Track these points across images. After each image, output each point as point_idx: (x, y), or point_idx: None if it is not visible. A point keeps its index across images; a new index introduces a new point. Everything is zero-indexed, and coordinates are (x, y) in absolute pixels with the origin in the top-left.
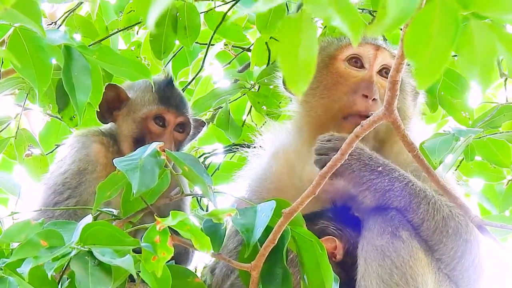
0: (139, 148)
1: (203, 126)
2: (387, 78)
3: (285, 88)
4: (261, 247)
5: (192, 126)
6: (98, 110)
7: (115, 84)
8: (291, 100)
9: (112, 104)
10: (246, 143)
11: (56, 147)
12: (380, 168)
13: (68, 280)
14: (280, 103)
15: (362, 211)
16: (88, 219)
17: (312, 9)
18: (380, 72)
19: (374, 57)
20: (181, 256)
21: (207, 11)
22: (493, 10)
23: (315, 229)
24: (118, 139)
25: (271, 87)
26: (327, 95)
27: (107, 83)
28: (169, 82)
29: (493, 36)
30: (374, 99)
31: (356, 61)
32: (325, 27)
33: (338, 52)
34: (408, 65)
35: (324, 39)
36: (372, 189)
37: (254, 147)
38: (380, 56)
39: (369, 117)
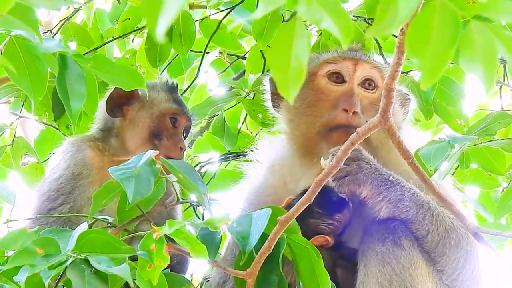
0: (134, 156)
1: None
2: (370, 89)
3: (273, 107)
4: (256, 254)
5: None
6: (109, 104)
7: None
8: (279, 119)
9: (122, 99)
10: (241, 151)
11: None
12: (391, 178)
13: None
14: None
15: (364, 221)
16: (84, 226)
17: (304, 12)
18: (363, 84)
19: (353, 71)
20: (180, 265)
21: (202, 19)
22: (492, 12)
23: (305, 229)
24: (123, 136)
25: None
26: (310, 113)
27: None
28: (176, 87)
29: (493, 36)
30: (354, 112)
31: (337, 76)
32: (320, 34)
33: (317, 69)
34: (404, 72)
35: None
36: (386, 200)
37: (250, 161)
38: (359, 69)
39: (352, 127)
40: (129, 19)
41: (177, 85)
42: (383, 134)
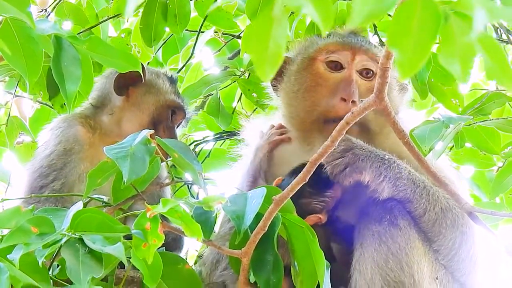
0: (129, 136)
1: None
2: (367, 78)
3: (273, 89)
4: (251, 234)
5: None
6: (117, 81)
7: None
8: (277, 101)
9: (130, 79)
10: (236, 130)
11: None
12: (387, 157)
13: (59, 267)
14: None
15: (360, 200)
16: (79, 206)
17: None
18: (360, 72)
19: (351, 60)
20: (175, 242)
21: None
22: (472, 8)
23: (298, 210)
24: (120, 115)
25: None
26: (308, 98)
27: None
28: (177, 81)
29: (471, 34)
30: (353, 101)
31: (336, 64)
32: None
33: (317, 54)
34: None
35: (305, 39)
36: (387, 179)
37: (244, 140)
38: (358, 57)
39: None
40: None
41: (177, 78)
42: (381, 120)
